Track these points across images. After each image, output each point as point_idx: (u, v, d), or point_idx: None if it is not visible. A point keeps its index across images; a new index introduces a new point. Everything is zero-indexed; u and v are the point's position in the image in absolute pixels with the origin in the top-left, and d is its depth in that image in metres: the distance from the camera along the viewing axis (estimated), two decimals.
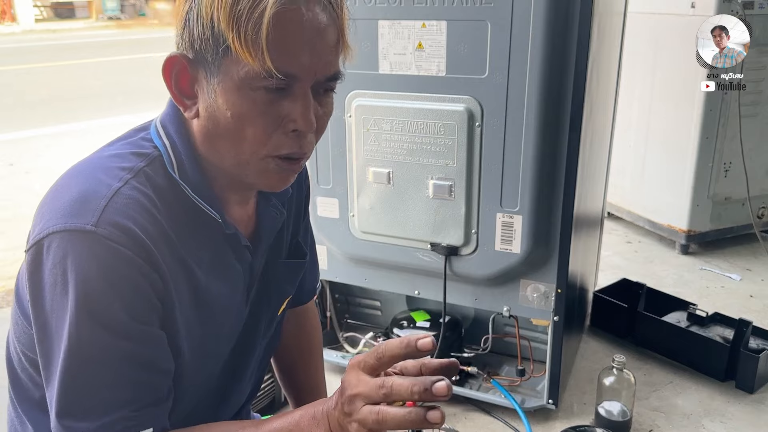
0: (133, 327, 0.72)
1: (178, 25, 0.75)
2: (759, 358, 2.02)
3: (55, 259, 0.70)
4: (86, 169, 0.77)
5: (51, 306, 0.71)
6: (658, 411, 2.00)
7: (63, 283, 0.69)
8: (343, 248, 1.96)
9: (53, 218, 0.71)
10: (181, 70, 0.75)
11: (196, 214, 0.80)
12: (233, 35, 0.69)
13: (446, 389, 0.62)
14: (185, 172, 0.79)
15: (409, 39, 1.67)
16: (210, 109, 0.75)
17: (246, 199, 0.88)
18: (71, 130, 5.92)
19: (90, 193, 0.72)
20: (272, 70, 0.70)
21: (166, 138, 0.80)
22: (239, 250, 0.86)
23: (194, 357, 0.82)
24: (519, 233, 1.71)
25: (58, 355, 0.71)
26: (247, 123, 0.74)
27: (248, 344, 0.96)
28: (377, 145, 1.78)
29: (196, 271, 0.80)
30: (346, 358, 2.13)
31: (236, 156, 0.77)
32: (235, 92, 0.72)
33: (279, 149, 0.76)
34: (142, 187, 0.75)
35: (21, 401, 0.87)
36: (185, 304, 0.79)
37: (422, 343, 0.64)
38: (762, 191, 3.04)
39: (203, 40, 0.72)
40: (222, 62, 0.72)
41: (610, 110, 2.39)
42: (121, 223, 0.70)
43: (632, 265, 3.03)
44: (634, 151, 3.17)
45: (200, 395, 0.89)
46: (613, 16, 2.11)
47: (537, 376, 1.97)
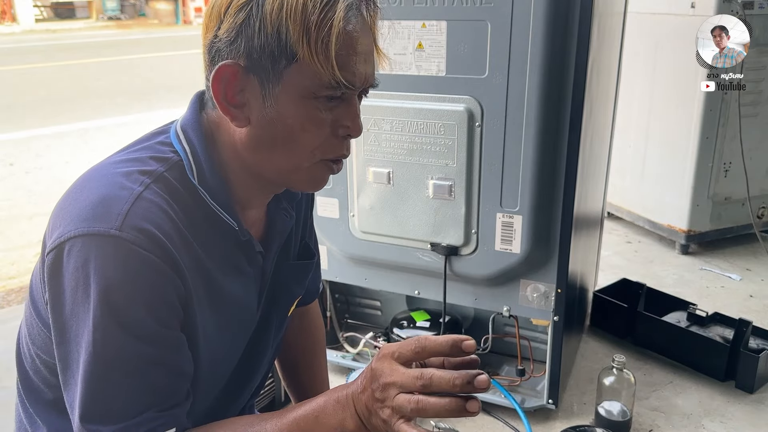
0: (157, 331, 0.72)
1: (223, 33, 0.74)
2: (759, 358, 2.02)
3: (77, 263, 0.69)
4: (105, 173, 0.76)
5: (72, 310, 0.71)
6: (658, 411, 2.00)
7: (85, 287, 0.69)
8: (343, 248, 1.96)
9: (74, 222, 0.70)
10: (230, 79, 0.75)
11: (214, 220, 0.80)
12: (305, 46, 0.72)
13: (487, 382, 0.65)
14: (204, 178, 0.80)
15: (409, 39, 1.67)
16: (267, 117, 0.76)
17: (266, 201, 0.89)
18: (71, 130, 5.92)
19: (112, 197, 0.72)
20: (341, 81, 0.74)
21: (187, 143, 0.80)
22: (252, 256, 0.87)
23: (210, 359, 0.83)
24: (519, 233, 1.71)
25: (77, 358, 0.71)
26: (306, 130, 0.77)
27: (261, 346, 0.97)
28: (377, 145, 1.79)
29: (214, 274, 0.80)
30: (346, 358, 2.13)
31: (291, 161, 0.79)
32: (298, 101, 0.75)
33: (331, 153, 0.80)
34: (163, 192, 0.75)
35: (33, 402, 0.87)
36: (204, 308, 0.79)
37: (468, 344, 0.66)
38: (762, 191, 3.04)
39: (266, 51, 0.73)
40: (285, 72, 0.74)
41: (610, 110, 2.39)
42: (145, 227, 0.70)
43: (632, 265, 3.03)
44: (634, 151, 3.17)
45: (214, 396, 0.90)
46: (613, 16, 2.11)
47: (537, 376, 1.97)
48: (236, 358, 0.92)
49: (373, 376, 0.69)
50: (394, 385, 0.67)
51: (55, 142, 5.55)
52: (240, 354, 0.93)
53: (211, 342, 0.82)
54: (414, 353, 0.67)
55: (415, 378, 0.66)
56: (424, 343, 0.67)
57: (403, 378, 0.66)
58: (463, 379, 0.64)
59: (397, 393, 0.66)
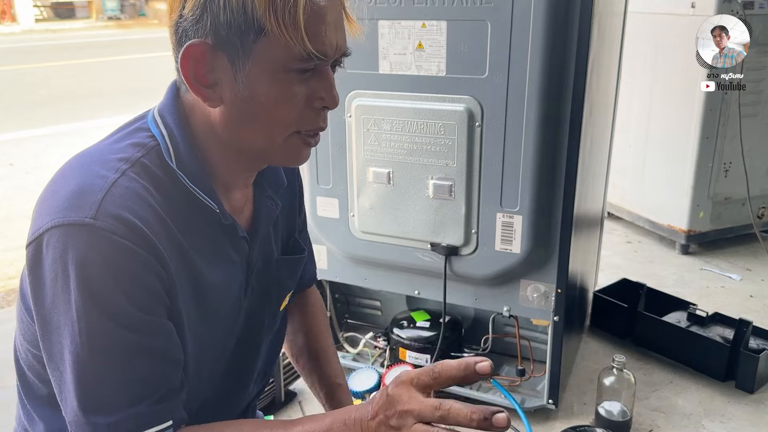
0: (139, 318, 0.71)
1: (188, 12, 0.73)
2: (759, 358, 2.02)
3: (55, 254, 0.69)
4: (82, 162, 0.76)
5: (53, 301, 0.70)
6: (658, 411, 2.00)
7: (64, 277, 0.69)
8: (343, 248, 1.96)
9: (51, 213, 0.70)
10: (199, 58, 0.74)
11: (194, 204, 0.79)
12: (271, 20, 0.70)
13: (506, 421, 0.64)
14: (183, 161, 0.79)
15: (409, 39, 1.67)
16: (240, 94, 0.75)
17: (248, 182, 0.89)
18: (71, 130, 5.92)
19: (87, 185, 0.71)
20: (312, 52, 0.73)
21: (164, 127, 0.80)
22: (236, 241, 0.86)
23: (195, 349, 0.82)
24: (519, 233, 1.71)
25: (62, 350, 0.71)
26: (280, 104, 0.76)
27: (253, 340, 0.96)
28: (377, 145, 1.78)
29: (196, 260, 0.79)
30: (346, 358, 2.13)
31: (267, 137, 0.78)
32: (270, 75, 0.74)
33: (307, 125, 0.79)
34: (139, 178, 0.74)
35: (30, 398, 0.87)
36: (186, 295, 0.79)
37: (481, 366, 0.66)
38: (762, 191, 3.04)
39: (233, 27, 0.72)
40: (254, 47, 0.73)
41: (610, 110, 2.39)
42: (120, 214, 0.70)
43: (632, 265, 3.03)
44: (634, 151, 3.17)
45: (206, 392, 0.89)
46: (613, 16, 2.11)
47: (537, 376, 1.97)
48: (225, 349, 0.91)
49: (389, 403, 0.68)
50: (411, 413, 0.66)
51: (55, 142, 5.55)
52: (231, 345, 0.91)
53: (193, 329, 0.81)
54: (432, 378, 0.67)
55: (433, 408, 0.65)
56: (441, 368, 0.67)
57: (421, 407, 0.66)
58: (479, 415, 0.64)
59: (414, 422, 0.66)
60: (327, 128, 0.84)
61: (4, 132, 5.87)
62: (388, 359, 2.07)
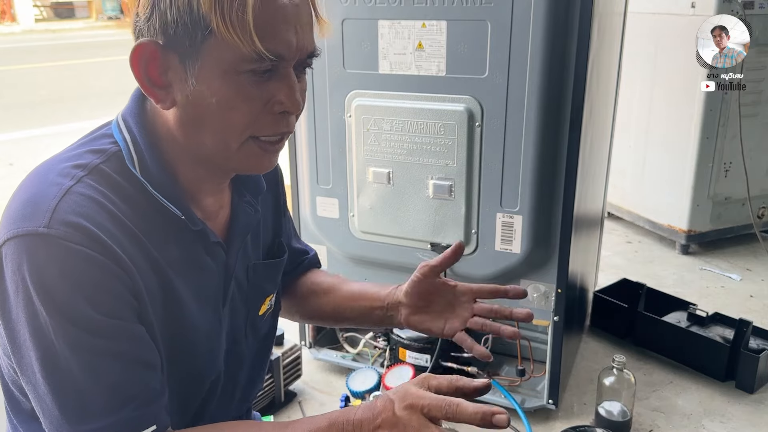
0: (105, 323, 0.70)
1: (141, 11, 0.71)
2: (759, 358, 2.02)
3: (14, 266, 0.68)
4: (39, 171, 0.75)
5: (17, 314, 0.69)
6: (658, 411, 2.00)
7: (24, 289, 0.68)
8: (343, 248, 1.96)
9: (6, 225, 0.69)
10: (150, 58, 0.72)
11: (162, 211, 0.77)
12: (218, 18, 0.67)
13: (506, 421, 0.66)
14: (146, 167, 0.76)
15: (409, 39, 1.67)
16: (191, 96, 0.72)
17: (220, 188, 0.85)
18: (71, 130, 5.91)
19: (40, 194, 0.70)
20: (263, 52, 0.69)
21: (127, 133, 0.77)
22: (210, 247, 0.83)
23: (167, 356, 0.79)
24: (519, 233, 1.71)
25: (31, 362, 0.70)
26: (233, 108, 0.72)
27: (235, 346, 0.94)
28: (377, 145, 1.78)
29: (166, 268, 0.77)
30: (346, 358, 2.13)
31: (221, 142, 0.75)
32: (219, 77, 0.70)
33: (265, 130, 0.75)
34: (97, 185, 0.72)
35: (16, 413, 0.86)
36: (157, 303, 0.76)
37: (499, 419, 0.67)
38: (762, 191, 3.04)
39: (180, 25, 0.69)
40: (202, 47, 0.69)
41: (610, 110, 2.39)
42: (74, 221, 0.68)
43: (632, 265, 3.03)
44: (634, 151, 3.17)
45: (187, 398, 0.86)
46: (613, 16, 2.11)
47: (537, 376, 1.97)
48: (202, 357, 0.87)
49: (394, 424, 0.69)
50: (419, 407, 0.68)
51: (55, 142, 5.55)
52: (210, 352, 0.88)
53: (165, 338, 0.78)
54: (443, 416, 0.68)
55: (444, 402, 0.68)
56: (456, 410, 0.68)
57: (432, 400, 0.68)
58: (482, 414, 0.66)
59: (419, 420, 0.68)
60: (327, 128, 0.82)
61: (4, 132, 5.87)
62: (388, 359, 2.07)
